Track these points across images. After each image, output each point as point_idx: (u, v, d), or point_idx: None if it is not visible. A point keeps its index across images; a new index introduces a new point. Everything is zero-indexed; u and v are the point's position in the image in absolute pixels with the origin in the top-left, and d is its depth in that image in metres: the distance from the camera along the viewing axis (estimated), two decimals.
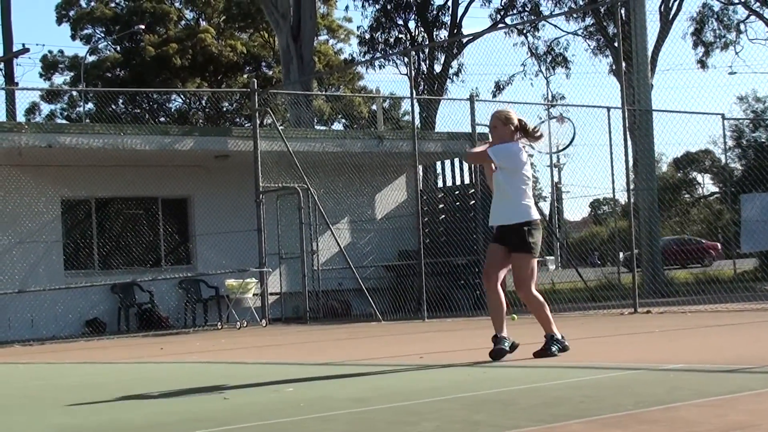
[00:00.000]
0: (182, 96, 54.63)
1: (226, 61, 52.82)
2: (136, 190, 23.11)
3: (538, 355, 9.38)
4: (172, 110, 56.51)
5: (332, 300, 23.59)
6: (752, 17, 37.57)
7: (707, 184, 46.63)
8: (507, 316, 9.61)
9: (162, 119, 53.98)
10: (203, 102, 55.84)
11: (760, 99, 37.95)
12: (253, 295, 21.48)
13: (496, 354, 9.31)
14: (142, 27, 51.05)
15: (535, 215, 9.53)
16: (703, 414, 5.59)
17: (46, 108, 57.92)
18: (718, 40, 38.50)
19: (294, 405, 7.02)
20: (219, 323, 21.36)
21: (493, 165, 9.54)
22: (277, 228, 22.82)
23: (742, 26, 38.13)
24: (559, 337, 9.49)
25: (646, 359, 9.14)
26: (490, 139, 9.79)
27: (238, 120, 53.92)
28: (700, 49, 38.39)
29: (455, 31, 43.48)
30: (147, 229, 23.83)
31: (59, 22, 54.92)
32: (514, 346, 9.49)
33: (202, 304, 23.13)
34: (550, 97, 40.82)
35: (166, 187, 23.24)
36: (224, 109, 56.00)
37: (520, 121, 9.64)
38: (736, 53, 38.15)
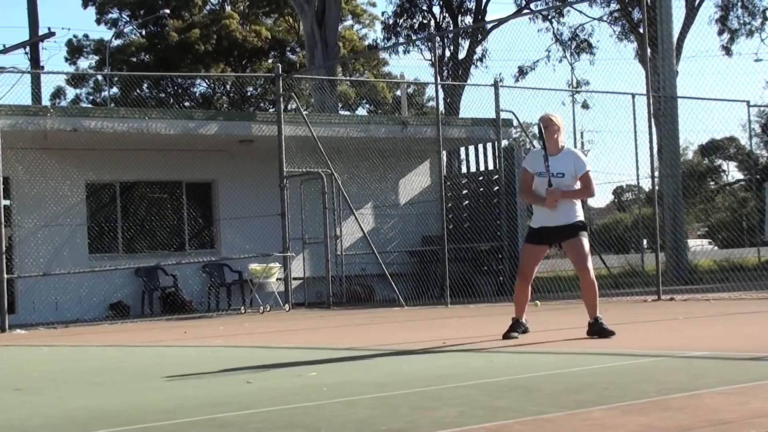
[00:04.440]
0: (207, 81, 54.70)
1: (250, 47, 52.82)
2: (160, 174, 23.18)
3: (591, 334, 10.02)
4: (197, 95, 56.62)
5: (355, 285, 23.62)
6: None
7: (732, 172, 46.36)
8: (530, 302, 10.25)
9: (186, 104, 54.05)
10: (227, 87, 55.88)
11: None
12: (277, 279, 21.52)
13: (506, 337, 10.20)
14: (167, 11, 51.05)
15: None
16: (727, 401, 5.58)
17: (71, 92, 58.04)
18: (742, 26, 38.31)
19: (317, 389, 7.04)
20: (242, 307, 21.43)
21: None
22: (301, 213, 22.85)
23: (767, 13, 37.92)
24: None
25: (669, 346, 9.13)
26: (544, 140, 10.09)
27: (262, 105, 53.94)
28: (725, 36, 38.23)
29: (480, 16, 43.34)
30: (171, 213, 23.90)
31: (85, 5, 54.99)
32: (525, 330, 10.43)
33: (225, 288, 23.21)
34: (574, 84, 40.73)
35: (191, 172, 23.28)
36: (248, 93, 56.03)
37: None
38: (762, 40, 37.93)
